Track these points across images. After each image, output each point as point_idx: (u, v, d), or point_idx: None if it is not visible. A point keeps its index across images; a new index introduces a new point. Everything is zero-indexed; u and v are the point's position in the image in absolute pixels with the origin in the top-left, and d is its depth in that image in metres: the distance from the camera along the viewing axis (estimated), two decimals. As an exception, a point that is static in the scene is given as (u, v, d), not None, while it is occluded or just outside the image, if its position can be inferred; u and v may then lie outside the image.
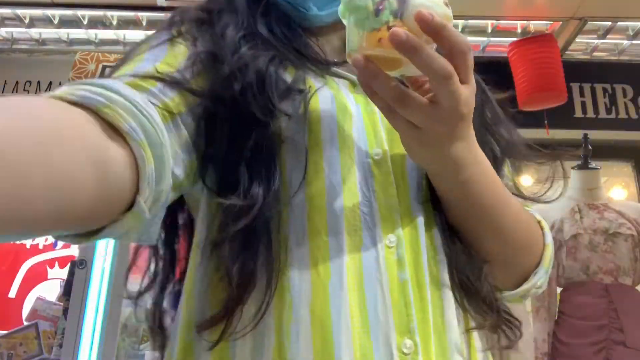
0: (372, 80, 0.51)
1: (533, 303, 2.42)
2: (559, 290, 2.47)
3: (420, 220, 0.61)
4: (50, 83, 3.64)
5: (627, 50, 3.56)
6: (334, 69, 0.68)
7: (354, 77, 0.67)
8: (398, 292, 0.57)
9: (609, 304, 2.26)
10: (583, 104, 3.55)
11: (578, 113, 3.53)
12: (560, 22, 3.25)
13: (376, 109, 0.58)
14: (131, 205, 0.48)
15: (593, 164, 2.66)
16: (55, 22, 3.40)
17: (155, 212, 0.52)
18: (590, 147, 2.66)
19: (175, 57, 0.64)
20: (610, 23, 3.27)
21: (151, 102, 0.53)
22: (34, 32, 3.53)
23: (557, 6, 3.13)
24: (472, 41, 3.48)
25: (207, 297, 0.59)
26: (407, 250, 0.59)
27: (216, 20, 0.68)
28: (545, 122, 3.20)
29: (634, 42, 3.47)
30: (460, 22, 3.30)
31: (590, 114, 3.53)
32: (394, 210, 0.60)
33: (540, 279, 0.69)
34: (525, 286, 0.69)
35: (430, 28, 0.48)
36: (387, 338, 0.54)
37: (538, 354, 2.35)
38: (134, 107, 0.48)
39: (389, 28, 0.48)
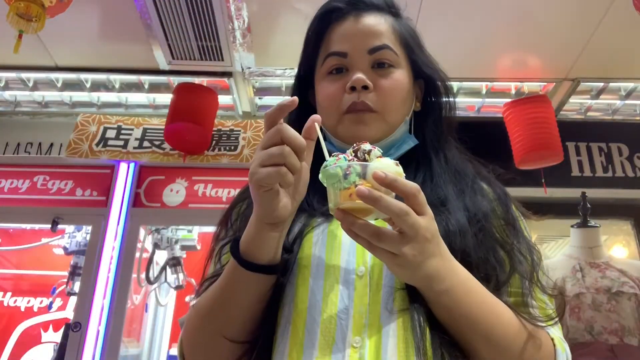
0: (351, 226, 0.69)
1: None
2: (563, 352, 2.41)
3: (387, 325, 0.75)
4: (52, 144, 3.67)
5: (621, 110, 3.61)
6: None
7: None
8: None
9: (616, 366, 2.21)
10: (580, 163, 3.57)
11: (575, 172, 3.55)
12: (554, 83, 3.32)
13: None
14: None
15: (592, 222, 2.66)
16: (59, 85, 3.46)
17: None
18: (588, 206, 2.67)
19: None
20: (602, 84, 3.33)
21: None
22: (37, 95, 3.59)
23: (550, 67, 3.20)
24: (468, 102, 3.54)
25: None
26: (369, 351, 0.74)
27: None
28: (543, 180, 3.22)
29: (627, 102, 3.53)
30: (456, 84, 3.36)
31: (587, 172, 3.55)
32: (364, 317, 0.76)
33: None
34: None
35: (385, 183, 0.67)
36: None
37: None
38: None
39: (356, 186, 0.67)
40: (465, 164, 0.97)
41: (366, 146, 0.71)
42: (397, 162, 0.71)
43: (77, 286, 3.20)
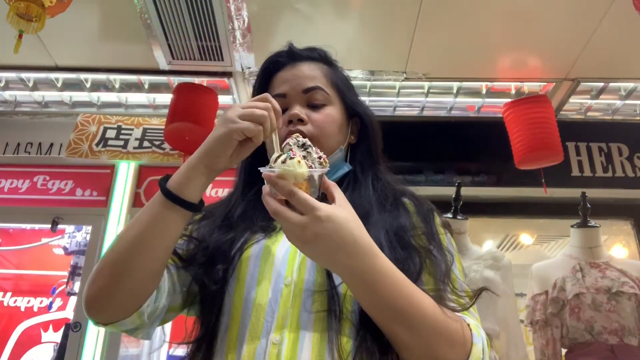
0: (272, 179, 0.82)
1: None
2: (563, 351, 2.42)
3: (305, 324, 0.88)
4: (52, 144, 3.66)
5: (621, 110, 3.61)
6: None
7: None
8: None
9: (616, 366, 2.21)
10: (580, 163, 3.58)
11: (575, 172, 3.55)
12: (554, 83, 3.31)
13: (298, 251, 0.95)
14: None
15: (592, 222, 2.66)
16: (59, 85, 3.46)
17: (152, 320, 0.96)
18: (588, 205, 2.67)
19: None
20: (602, 84, 3.33)
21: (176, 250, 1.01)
22: (37, 95, 3.59)
23: (550, 68, 3.20)
24: (468, 102, 3.54)
25: None
26: (286, 346, 0.86)
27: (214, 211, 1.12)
28: (543, 180, 3.21)
29: (627, 102, 3.53)
30: (456, 85, 3.37)
31: (587, 172, 3.55)
32: (286, 318, 0.89)
33: None
34: None
35: (269, 181, 0.81)
36: None
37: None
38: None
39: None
40: (390, 186, 1.11)
41: (300, 139, 0.88)
42: (310, 165, 0.84)
43: (77, 286, 3.20)
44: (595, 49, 2.98)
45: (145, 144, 3.40)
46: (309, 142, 0.88)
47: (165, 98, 3.50)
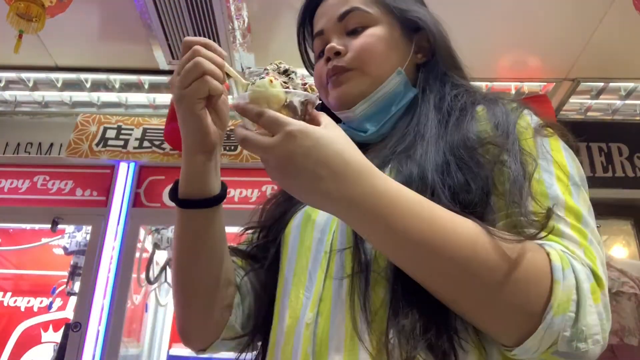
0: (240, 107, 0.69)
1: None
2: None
3: (336, 295, 0.73)
4: (52, 144, 3.66)
5: (621, 110, 3.61)
6: None
7: None
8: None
9: (616, 366, 2.20)
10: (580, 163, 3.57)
11: (575, 172, 3.55)
12: (554, 83, 3.31)
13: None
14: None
15: (592, 222, 2.66)
16: (59, 85, 3.46)
17: (247, 328, 0.90)
18: (588, 206, 2.66)
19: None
20: (602, 84, 3.33)
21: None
22: (37, 95, 3.59)
23: (549, 68, 3.20)
24: (468, 102, 3.53)
25: None
26: (320, 326, 0.72)
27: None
28: (543, 180, 3.21)
29: (627, 102, 3.52)
30: (456, 84, 3.36)
31: (587, 172, 3.53)
32: (321, 290, 0.75)
33: (557, 326, 0.58)
34: (533, 339, 0.59)
35: (240, 111, 0.68)
36: None
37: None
38: None
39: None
40: (462, 99, 0.86)
41: (282, 65, 0.72)
42: (284, 84, 0.69)
43: (77, 286, 3.20)
44: (595, 49, 2.98)
45: (145, 144, 3.40)
46: (293, 68, 0.72)
47: (165, 98, 3.50)
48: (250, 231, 0.98)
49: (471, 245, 0.61)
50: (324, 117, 0.68)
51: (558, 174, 0.71)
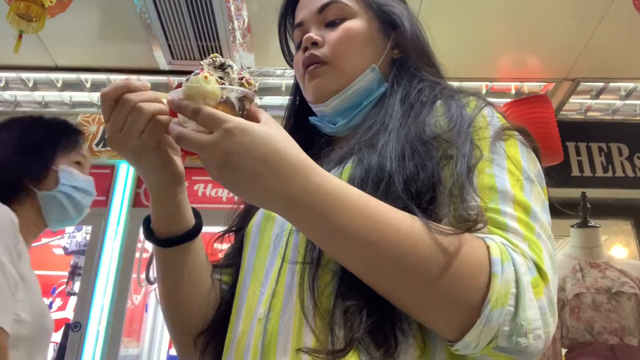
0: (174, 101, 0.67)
1: (538, 365, 2.36)
2: (563, 351, 2.42)
3: (289, 288, 0.72)
4: (52, 144, 3.65)
5: (621, 110, 3.61)
6: None
7: None
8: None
9: (616, 366, 2.21)
10: (579, 163, 3.57)
11: (575, 172, 3.55)
12: (554, 83, 3.32)
13: None
14: None
15: (592, 222, 2.66)
16: (59, 85, 3.46)
17: None
18: (588, 205, 2.67)
19: None
20: (602, 84, 3.33)
21: None
22: (37, 95, 3.59)
23: (550, 68, 3.20)
24: (468, 102, 3.53)
25: None
26: (271, 321, 0.70)
27: None
28: (543, 180, 3.21)
29: (627, 102, 3.53)
30: (456, 84, 3.36)
31: (587, 172, 3.55)
32: (275, 284, 0.74)
33: (496, 320, 0.57)
34: (472, 333, 0.59)
35: (172, 106, 0.66)
36: None
37: (545, 419, 2.28)
38: None
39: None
40: (426, 93, 0.85)
41: (217, 59, 0.69)
42: (220, 80, 0.67)
43: (77, 286, 3.20)
44: (595, 49, 2.99)
45: (145, 144, 3.40)
46: (229, 62, 0.69)
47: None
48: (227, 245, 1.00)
49: (408, 240, 0.61)
50: (262, 114, 0.68)
51: (510, 168, 0.71)
